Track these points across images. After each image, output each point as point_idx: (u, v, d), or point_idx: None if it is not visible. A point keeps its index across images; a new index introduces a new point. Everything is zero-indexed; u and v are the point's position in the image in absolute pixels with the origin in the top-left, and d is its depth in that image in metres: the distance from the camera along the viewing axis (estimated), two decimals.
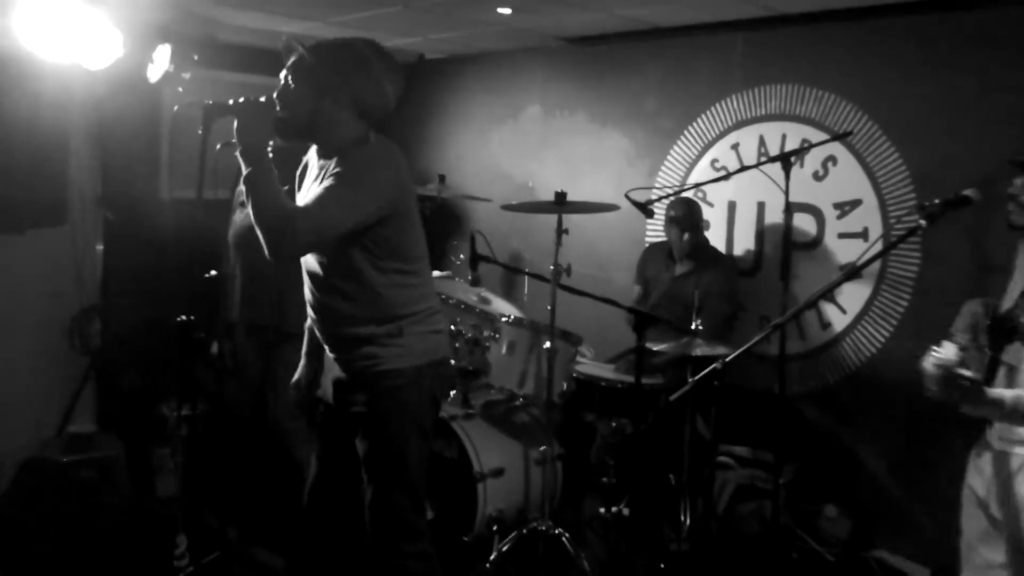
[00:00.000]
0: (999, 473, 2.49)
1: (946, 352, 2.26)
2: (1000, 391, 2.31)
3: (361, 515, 2.73)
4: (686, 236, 4.38)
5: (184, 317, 2.94)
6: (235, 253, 3.87)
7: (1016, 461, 2.42)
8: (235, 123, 2.46)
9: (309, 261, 2.67)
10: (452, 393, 4.08)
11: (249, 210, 2.44)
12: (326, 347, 2.77)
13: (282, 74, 2.60)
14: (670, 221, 4.44)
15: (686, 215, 4.40)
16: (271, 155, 3.27)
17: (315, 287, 2.68)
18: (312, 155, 2.74)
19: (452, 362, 2.96)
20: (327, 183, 2.46)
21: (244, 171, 2.43)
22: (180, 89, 4.39)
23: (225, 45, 5.38)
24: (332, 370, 2.78)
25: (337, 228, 2.46)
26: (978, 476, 2.58)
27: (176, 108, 2.72)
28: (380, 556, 2.70)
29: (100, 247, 5.02)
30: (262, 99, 2.50)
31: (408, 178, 2.66)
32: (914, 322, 4.00)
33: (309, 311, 2.76)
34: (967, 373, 2.23)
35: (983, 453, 2.57)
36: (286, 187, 3.77)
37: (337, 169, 2.48)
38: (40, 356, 4.75)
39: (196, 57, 4.40)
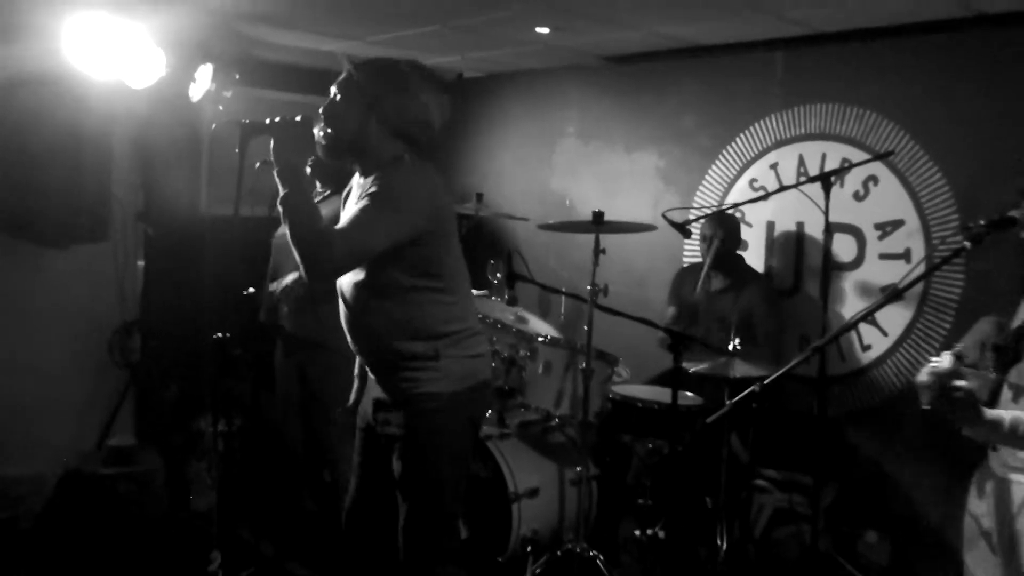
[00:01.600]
0: (1000, 502, 2.44)
1: (943, 362, 2.19)
2: (999, 412, 2.25)
3: (396, 536, 2.72)
4: (714, 240, 4.33)
5: (221, 334, 2.97)
6: (274, 263, 3.91)
7: (1019, 491, 2.38)
8: (271, 143, 2.48)
9: (348, 288, 2.68)
10: (488, 413, 4.07)
11: (285, 229, 2.46)
12: (367, 368, 2.79)
13: (332, 89, 2.64)
14: (701, 232, 4.43)
15: (714, 227, 4.38)
16: (312, 168, 3.29)
17: (348, 307, 2.69)
18: (356, 177, 2.76)
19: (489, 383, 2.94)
20: (362, 204, 2.48)
21: (281, 191, 2.45)
22: (221, 108, 4.44)
23: (266, 64, 5.44)
24: (373, 390, 2.79)
25: (373, 249, 2.48)
26: (981, 504, 2.53)
27: (214, 126, 2.76)
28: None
29: (141, 263, 5.09)
30: (297, 118, 2.52)
31: (444, 198, 2.66)
32: None
33: (345, 330, 2.77)
34: (962, 383, 2.14)
35: (986, 480, 2.52)
36: (325, 194, 3.81)
37: (372, 189, 2.50)
38: (81, 369, 4.82)
39: (237, 76, 4.45)
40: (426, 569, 2.68)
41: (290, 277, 3.77)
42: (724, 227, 4.37)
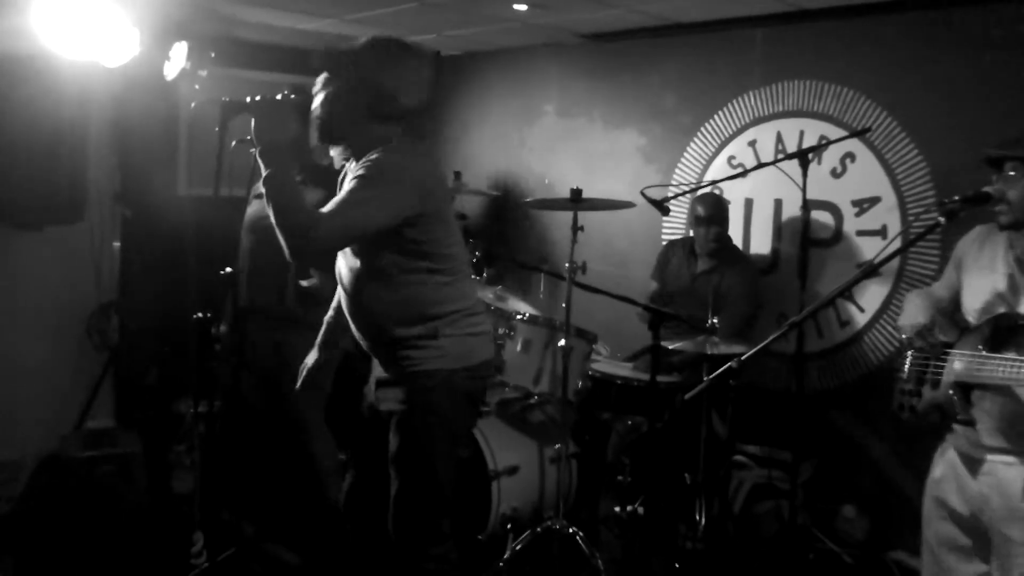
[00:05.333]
0: (967, 481, 2.48)
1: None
2: None
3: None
4: (713, 231, 4.35)
5: (200, 314, 2.95)
6: (244, 240, 3.88)
7: (987, 469, 2.41)
8: (252, 122, 2.46)
9: (341, 265, 2.69)
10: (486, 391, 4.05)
11: (267, 208, 2.44)
12: (367, 349, 2.78)
13: (318, 79, 2.65)
14: (697, 219, 4.39)
15: (714, 212, 4.37)
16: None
17: (347, 290, 2.69)
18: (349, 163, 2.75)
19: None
20: (350, 185, 2.47)
21: (263, 171, 2.42)
22: (197, 87, 4.40)
23: (243, 43, 5.39)
24: (376, 370, 2.81)
25: (357, 231, 2.48)
26: (948, 484, 2.57)
27: (193, 105, 2.73)
28: (402, 555, 2.70)
29: (117, 244, 5.05)
30: (278, 97, 2.50)
31: (436, 178, 2.67)
32: None
33: (346, 313, 2.77)
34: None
35: (949, 458, 2.56)
36: (299, 178, 3.78)
37: (360, 171, 2.49)
38: (59, 352, 4.79)
39: (213, 55, 4.40)
40: (417, 548, 2.68)
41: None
42: (718, 215, 4.37)
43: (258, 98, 2.49)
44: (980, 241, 2.71)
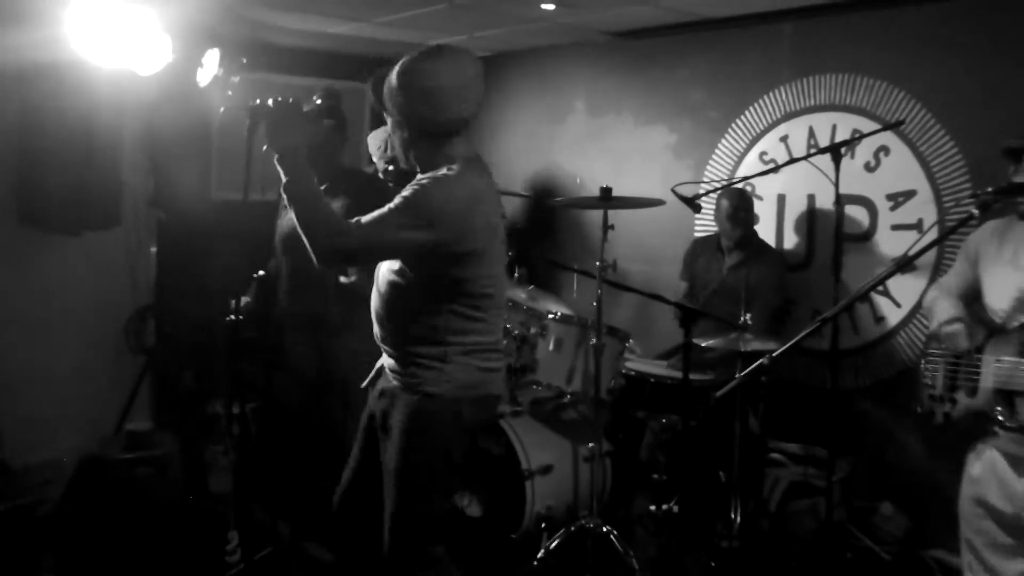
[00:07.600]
0: (1008, 477, 2.43)
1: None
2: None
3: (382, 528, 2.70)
4: (739, 218, 4.33)
5: (233, 316, 2.98)
6: (281, 253, 3.90)
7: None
8: (264, 127, 2.44)
9: (383, 275, 2.66)
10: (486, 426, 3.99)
11: (292, 216, 2.44)
12: (384, 356, 2.76)
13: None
14: (722, 212, 4.39)
15: (739, 203, 4.36)
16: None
17: (380, 292, 2.67)
18: None
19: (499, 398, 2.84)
20: (392, 203, 2.43)
21: (283, 178, 2.41)
22: (229, 93, 4.44)
23: (274, 47, 5.44)
24: (382, 380, 2.78)
25: (385, 250, 2.49)
26: (989, 483, 2.51)
27: (222, 110, 2.75)
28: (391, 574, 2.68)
29: (153, 248, 5.11)
30: (290, 99, 2.47)
31: (485, 217, 2.55)
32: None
33: (372, 309, 2.75)
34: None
35: (995, 461, 2.51)
36: (323, 185, 3.80)
37: (407, 193, 2.45)
38: (97, 356, 4.86)
39: (245, 60, 4.44)
40: (406, 570, 2.64)
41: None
42: (745, 205, 4.36)
43: (269, 101, 2.46)
44: (999, 235, 2.66)
